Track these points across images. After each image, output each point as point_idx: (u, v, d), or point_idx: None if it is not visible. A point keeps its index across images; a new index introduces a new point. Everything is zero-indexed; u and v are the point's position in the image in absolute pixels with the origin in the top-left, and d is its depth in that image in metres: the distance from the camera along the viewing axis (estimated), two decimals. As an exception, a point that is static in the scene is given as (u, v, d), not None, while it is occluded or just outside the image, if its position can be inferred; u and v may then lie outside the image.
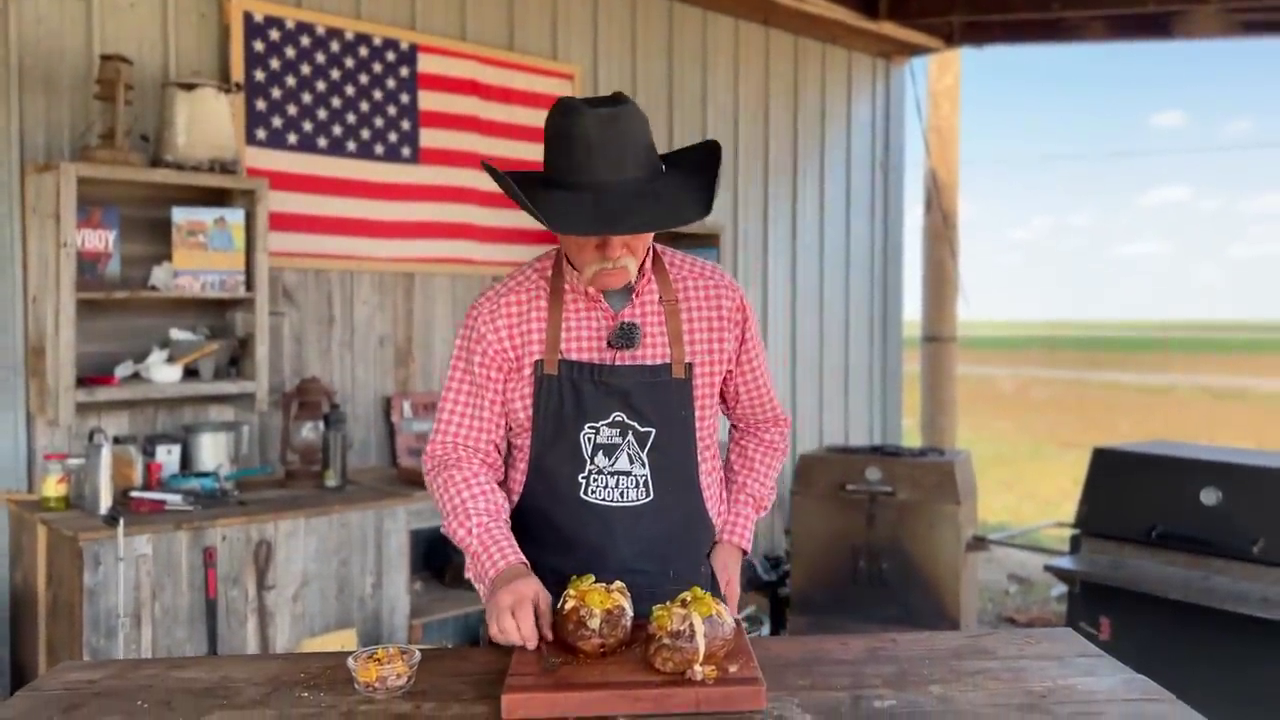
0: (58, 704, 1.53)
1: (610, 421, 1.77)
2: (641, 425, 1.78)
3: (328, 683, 1.60)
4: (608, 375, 1.77)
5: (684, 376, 1.80)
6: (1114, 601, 3.27)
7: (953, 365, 7.19)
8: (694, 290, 1.84)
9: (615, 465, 1.78)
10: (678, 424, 1.80)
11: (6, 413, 3.44)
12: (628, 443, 1.78)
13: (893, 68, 6.58)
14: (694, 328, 1.83)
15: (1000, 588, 6.30)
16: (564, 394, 1.78)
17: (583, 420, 1.77)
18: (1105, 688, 1.53)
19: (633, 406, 1.78)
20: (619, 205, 1.63)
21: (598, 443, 1.77)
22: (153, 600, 3.08)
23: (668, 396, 1.79)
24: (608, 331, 1.79)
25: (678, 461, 1.82)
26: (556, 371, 1.78)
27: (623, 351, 1.78)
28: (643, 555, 1.80)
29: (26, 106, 3.44)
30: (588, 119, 1.62)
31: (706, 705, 1.45)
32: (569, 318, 1.80)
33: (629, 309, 1.80)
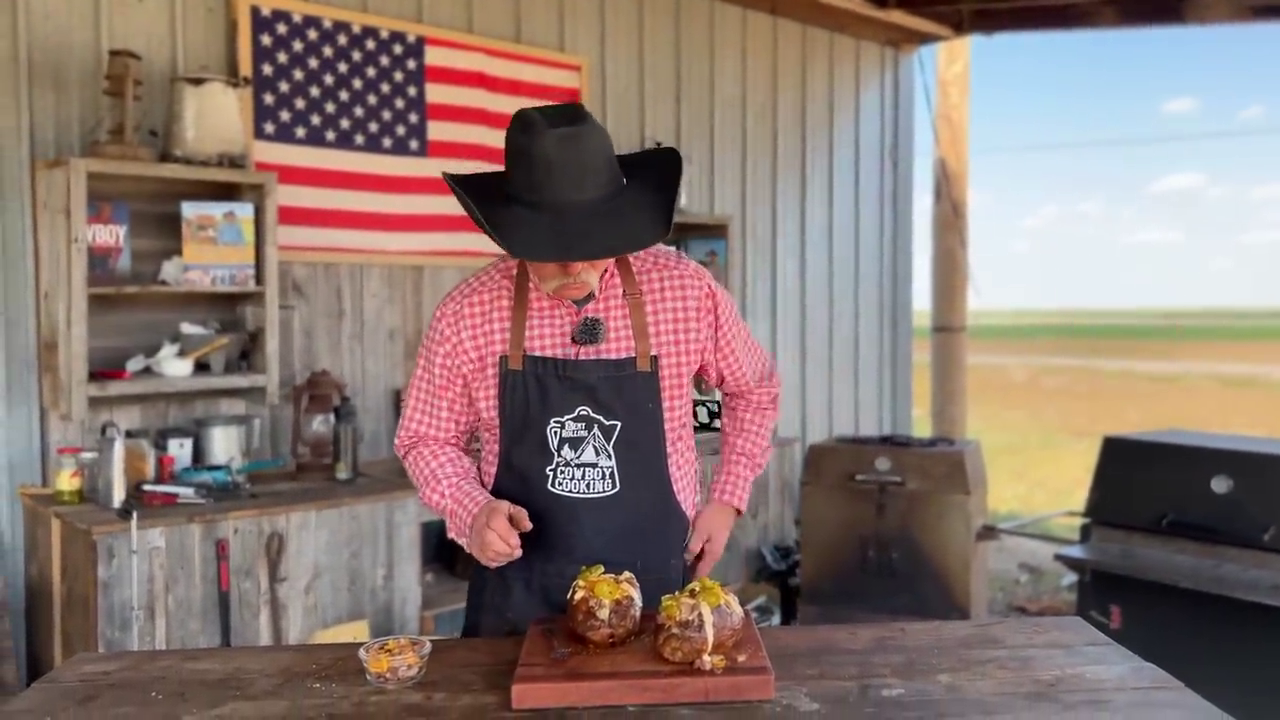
0: (73, 695, 1.55)
1: (575, 415, 1.81)
2: (607, 419, 1.81)
3: (339, 674, 1.62)
4: (572, 370, 1.80)
5: (649, 369, 1.83)
6: (1125, 590, 3.27)
7: (963, 355, 7.17)
8: (658, 283, 1.86)
9: (581, 458, 1.81)
10: (644, 416, 1.83)
11: (20, 407, 3.46)
12: (593, 435, 1.81)
13: (901, 56, 6.55)
14: (659, 320, 1.85)
15: (1011, 577, 6.29)
16: (529, 389, 1.81)
17: (548, 415, 1.81)
18: (1114, 676, 1.53)
19: (598, 400, 1.80)
20: (578, 229, 1.64)
21: (564, 436, 1.81)
22: (166, 593, 3.10)
23: (633, 389, 1.82)
24: (572, 327, 1.82)
25: (645, 453, 1.85)
26: (521, 367, 1.81)
27: (587, 346, 1.81)
28: (611, 546, 1.83)
29: (36, 102, 3.46)
30: (547, 139, 1.63)
31: (715, 694, 1.45)
32: (533, 315, 1.83)
33: (592, 305, 1.83)
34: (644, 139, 5.10)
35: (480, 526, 1.71)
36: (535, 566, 1.84)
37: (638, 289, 1.85)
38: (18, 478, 3.45)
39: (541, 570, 1.84)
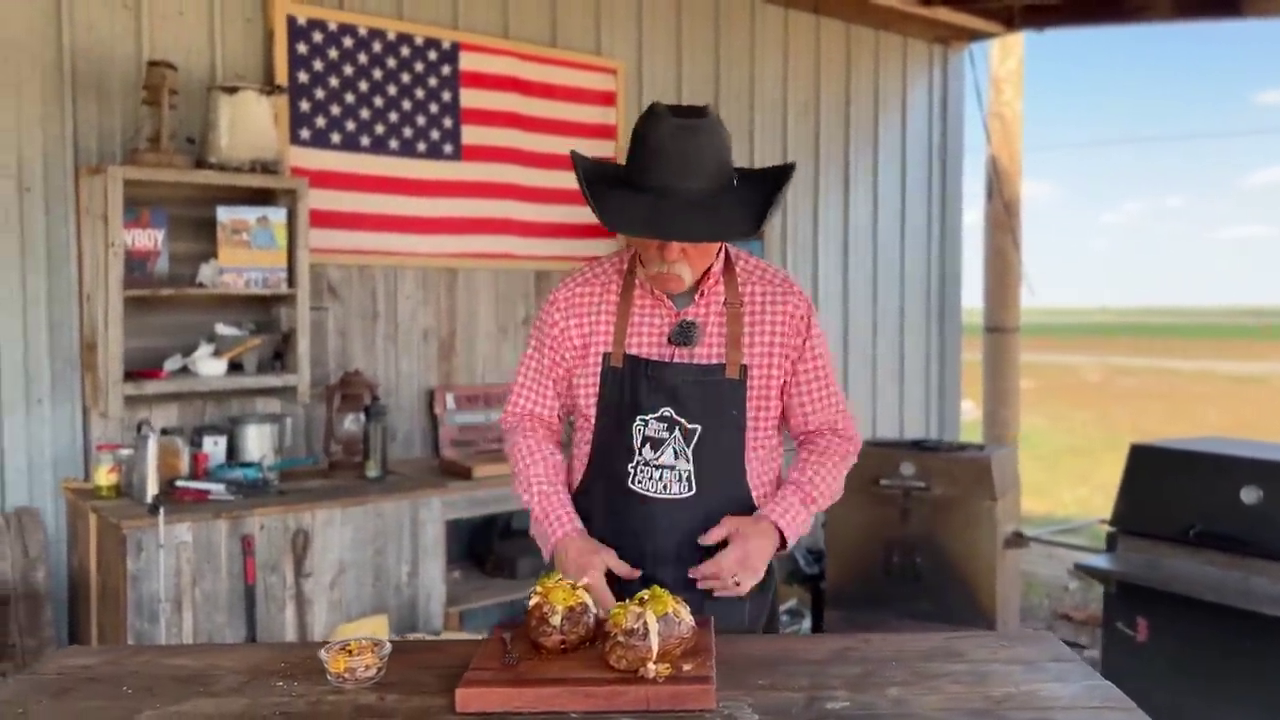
0: (49, 688, 1.62)
1: (659, 416, 1.86)
2: (689, 422, 1.85)
3: (304, 673, 1.66)
4: (659, 371, 1.86)
5: (738, 378, 1.86)
6: (1152, 602, 3.19)
7: (1016, 356, 7.03)
8: (760, 296, 1.92)
9: (660, 459, 1.86)
10: (727, 423, 1.86)
11: (64, 405, 3.60)
12: (674, 438, 1.85)
13: (951, 53, 6.45)
14: (755, 332, 1.89)
15: (1060, 584, 6.17)
16: (623, 386, 1.88)
17: (635, 412, 1.87)
18: (1067, 694, 1.51)
19: (680, 403, 1.85)
20: (674, 213, 1.72)
21: (646, 435, 1.87)
22: (193, 586, 3.21)
23: (718, 396, 1.86)
24: (669, 328, 1.88)
25: (724, 459, 1.87)
26: (621, 364, 1.89)
27: (681, 349, 1.87)
28: (684, 546, 1.88)
29: (80, 111, 3.59)
30: (665, 125, 1.74)
31: (656, 703, 1.47)
32: (635, 313, 1.91)
33: (691, 308, 1.89)
34: (681, 140, 5.09)
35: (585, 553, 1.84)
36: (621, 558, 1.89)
37: (739, 298, 1.90)
38: (61, 472, 3.60)
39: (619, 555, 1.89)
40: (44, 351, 3.56)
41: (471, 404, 4.42)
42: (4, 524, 3.44)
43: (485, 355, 4.54)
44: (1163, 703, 3.13)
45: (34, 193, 3.53)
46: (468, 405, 4.41)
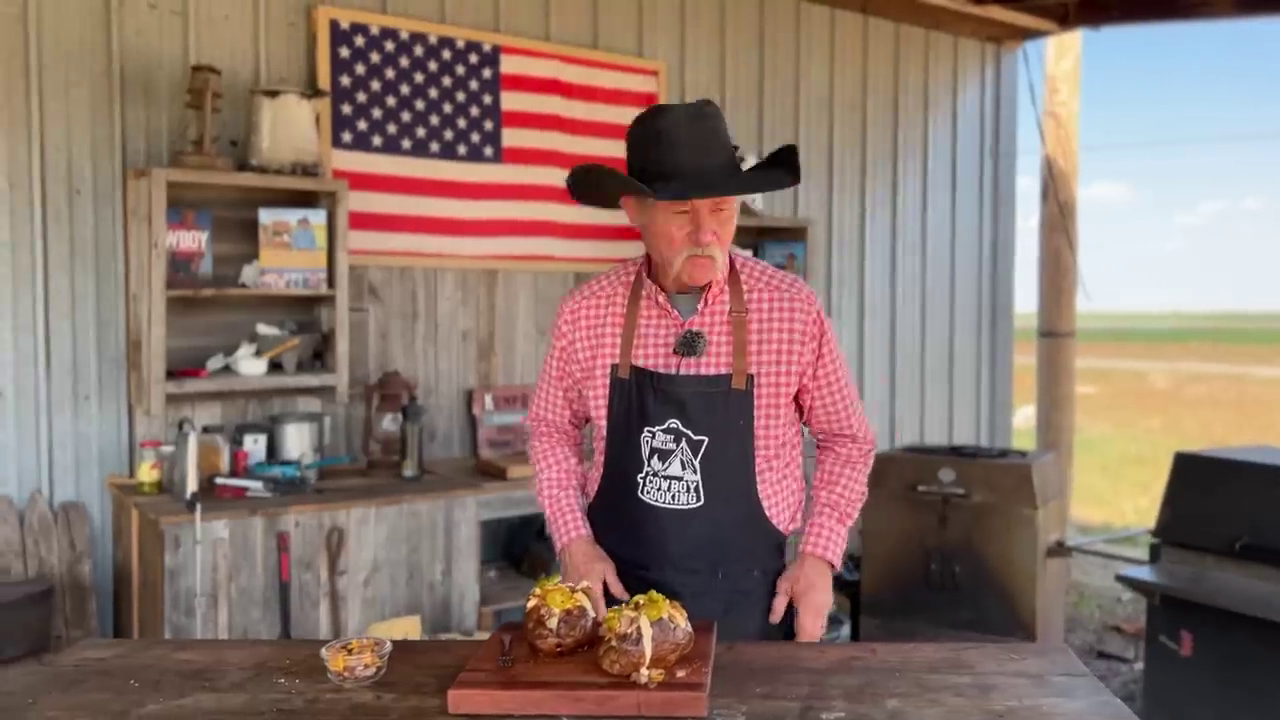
0: (59, 680, 1.65)
1: (666, 428, 1.86)
2: (695, 434, 1.85)
3: (306, 670, 1.68)
4: (667, 384, 1.87)
5: (744, 388, 1.85)
6: (1196, 616, 3.10)
7: (1071, 361, 6.88)
8: (767, 302, 1.89)
9: (668, 470, 1.87)
10: (734, 434, 1.85)
11: (110, 402, 3.69)
12: (681, 449, 1.86)
13: (1004, 53, 6.33)
14: (763, 339, 1.88)
15: (1113, 595, 6.02)
16: (630, 398, 1.90)
17: (643, 424, 1.88)
18: (1071, 710, 1.46)
19: (687, 415, 1.85)
20: (712, 179, 1.76)
21: (654, 446, 1.88)
22: (229, 582, 3.26)
23: (725, 406, 1.85)
24: (675, 338, 1.88)
25: (732, 470, 1.87)
26: (628, 376, 1.90)
27: (686, 359, 1.87)
28: (692, 555, 1.89)
29: (128, 115, 3.68)
30: (677, 113, 1.77)
31: (646, 709, 1.45)
32: (641, 324, 1.91)
33: (696, 318, 1.88)
34: (724, 142, 5.07)
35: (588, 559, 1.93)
36: (625, 564, 1.95)
37: (744, 306, 1.88)
38: (107, 468, 3.68)
39: (630, 571, 1.93)
40: (91, 350, 3.65)
41: (510, 404, 4.44)
42: (51, 518, 3.53)
43: (524, 356, 4.55)
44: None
45: (83, 195, 3.62)
46: (506, 406, 4.44)
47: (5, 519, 3.46)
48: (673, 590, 1.77)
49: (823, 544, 1.96)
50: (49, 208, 3.57)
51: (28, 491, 3.54)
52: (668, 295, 1.88)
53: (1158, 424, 15.47)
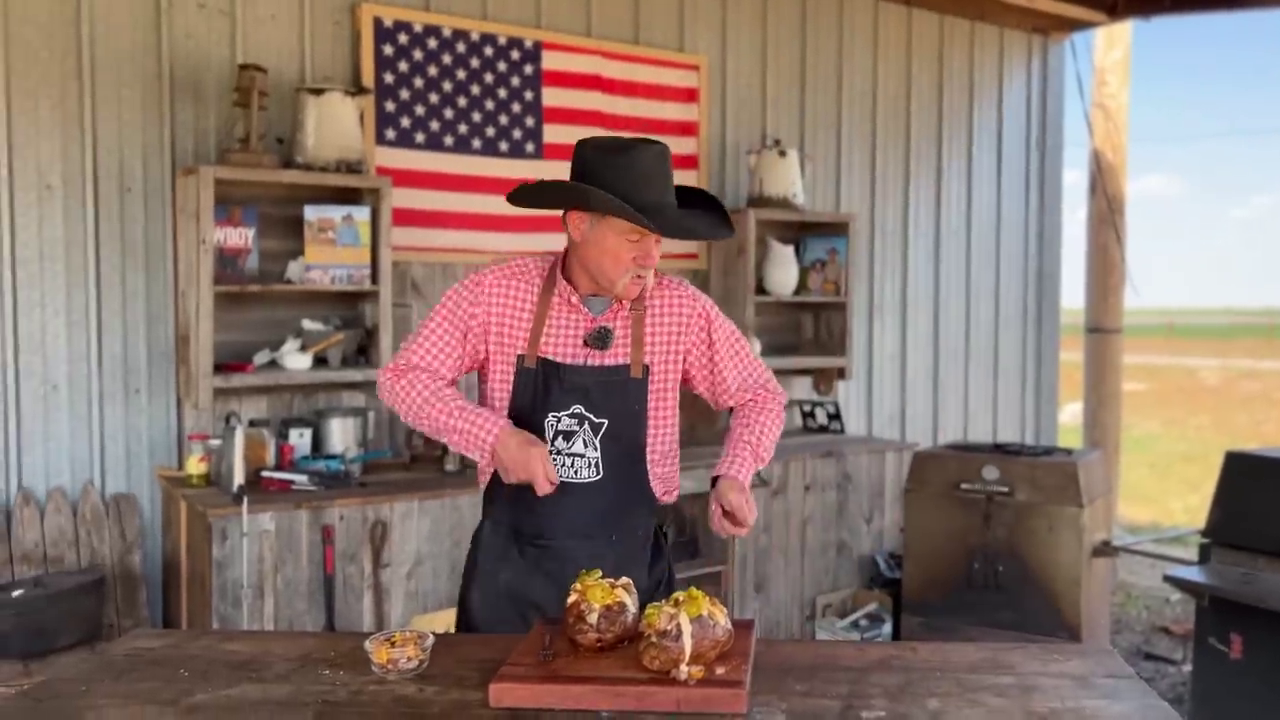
0: (112, 669, 1.69)
1: (570, 413, 2.05)
2: (596, 417, 2.06)
3: (350, 662, 1.70)
4: (573, 374, 2.06)
5: (640, 376, 2.09)
6: (1247, 618, 3.04)
7: (1118, 358, 6.78)
8: (660, 302, 2.13)
9: (572, 448, 2.06)
10: (630, 416, 2.08)
11: (160, 396, 3.76)
12: (584, 430, 2.06)
13: (1050, 44, 6.24)
14: (655, 334, 2.11)
15: (1162, 595, 5.93)
16: (536, 386, 2.06)
17: (548, 410, 2.05)
18: (1115, 713, 1.44)
19: (590, 401, 2.06)
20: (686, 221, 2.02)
21: (559, 429, 2.05)
22: (275, 573, 3.31)
23: (624, 393, 2.07)
24: (585, 333, 2.07)
25: (627, 447, 2.08)
26: (534, 365, 2.06)
27: (595, 351, 2.06)
28: (591, 524, 2.08)
29: (177, 115, 3.74)
30: (647, 152, 1.97)
31: (686, 706, 1.46)
32: (551, 318, 2.08)
33: (607, 315, 2.08)
34: (765, 136, 5.06)
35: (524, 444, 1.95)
36: (526, 537, 2.10)
37: (642, 304, 2.11)
38: (156, 460, 3.75)
39: (531, 541, 2.09)
40: (142, 345, 3.72)
41: (551, 400, 4.46)
42: (103, 509, 3.61)
43: (566, 352, 4.56)
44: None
45: (134, 193, 3.69)
46: (547, 401, 4.45)
47: (59, 509, 3.54)
48: (571, 556, 2.03)
49: (736, 468, 2.08)
50: (101, 206, 3.64)
51: (80, 483, 3.62)
52: (581, 296, 2.07)
53: (1208, 421, 15.21)
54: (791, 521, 4.49)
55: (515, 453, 1.95)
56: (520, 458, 1.95)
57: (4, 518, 3.46)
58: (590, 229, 2.00)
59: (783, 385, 5.14)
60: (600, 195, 1.92)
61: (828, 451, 4.61)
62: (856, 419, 5.45)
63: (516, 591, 2.09)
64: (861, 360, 5.46)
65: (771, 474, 4.39)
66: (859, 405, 5.49)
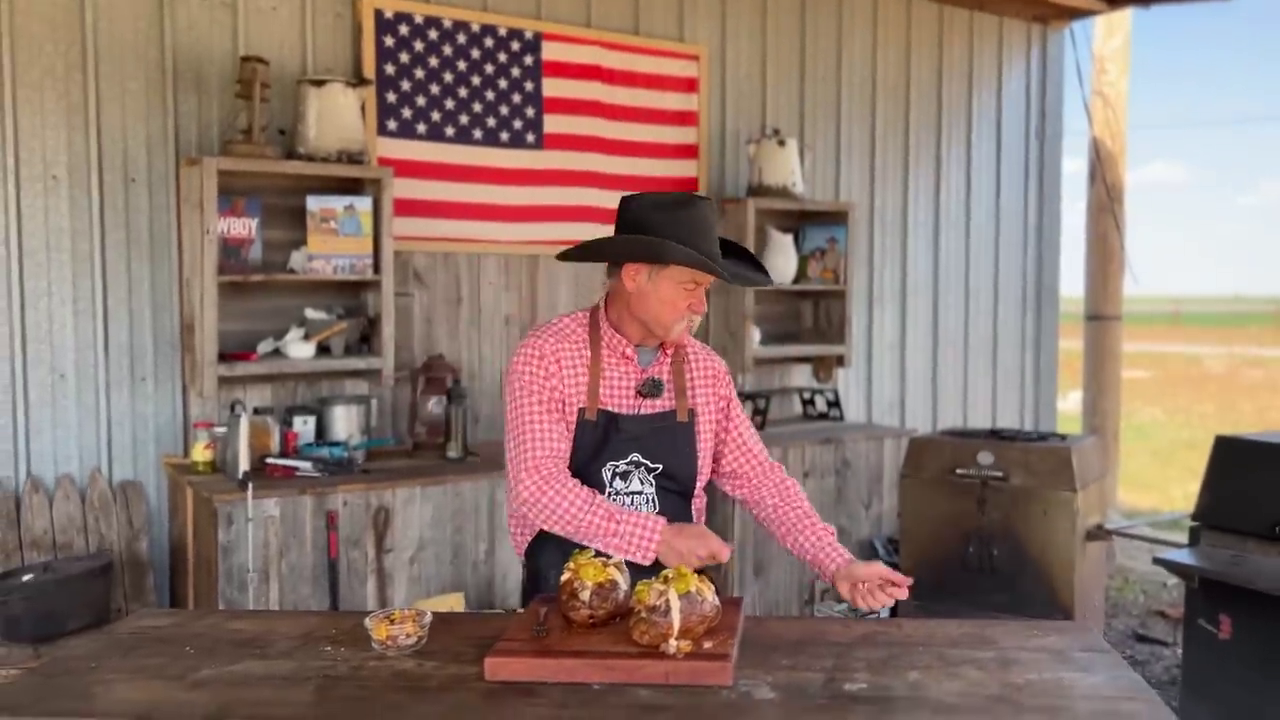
0: (120, 646, 1.74)
1: (628, 460, 2.18)
2: (652, 461, 2.19)
3: (351, 640, 1.76)
4: (628, 423, 2.18)
5: (688, 421, 2.23)
6: (1235, 599, 3.08)
7: (1117, 345, 6.82)
8: (694, 356, 2.30)
9: (630, 487, 2.19)
10: (681, 458, 2.22)
11: (165, 384, 3.81)
12: (639, 471, 2.19)
13: (1050, 32, 6.26)
14: (695, 384, 2.27)
15: (1158, 579, 5.97)
16: (596, 436, 2.17)
17: (606, 458, 2.17)
18: (1089, 684, 1.49)
19: (644, 448, 2.18)
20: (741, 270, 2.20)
21: (616, 472, 2.19)
22: (280, 558, 3.37)
23: (673, 437, 2.21)
24: (636, 383, 2.21)
25: (678, 485, 2.22)
26: (595, 418, 2.17)
27: (648, 400, 2.20)
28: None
29: (181, 106, 3.78)
30: (704, 207, 2.13)
31: (674, 678, 1.51)
32: (605, 371, 2.20)
33: (655, 366, 2.23)
34: (764, 125, 5.09)
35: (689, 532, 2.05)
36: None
37: (683, 357, 2.27)
38: (162, 448, 3.81)
39: None
40: (147, 333, 3.78)
41: (552, 388, 4.50)
42: (111, 496, 3.67)
43: (566, 340, 4.61)
44: (1244, 703, 3.04)
45: (138, 184, 3.73)
46: (548, 389, 4.50)
47: (68, 496, 3.60)
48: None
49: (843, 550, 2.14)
50: (106, 197, 3.69)
51: (88, 470, 3.67)
52: (634, 346, 2.19)
53: (1212, 409, 15.21)
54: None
55: (689, 542, 2.01)
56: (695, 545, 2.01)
57: (14, 504, 3.52)
58: (648, 280, 2.11)
59: (783, 373, 5.25)
60: (676, 248, 2.04)
61: (827, 438, 4.65)
62: (856, 406, 5.50)
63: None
64: (861, 348, 5.50)
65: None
66: (858, 393, 5.54)
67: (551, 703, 1.47)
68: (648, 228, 2.09)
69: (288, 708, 1.48)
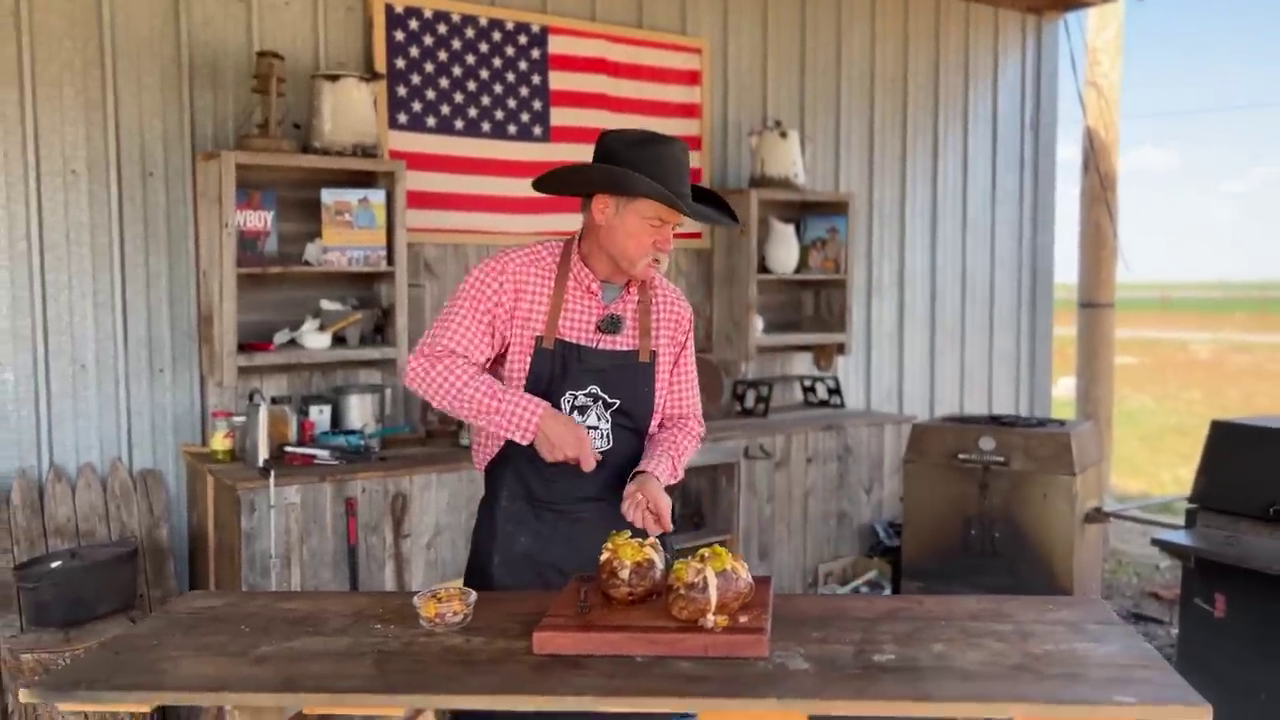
0: (180, 625, 1.83)
1: (586, 392, 2.22)
2: (610, 396, 2.24)
3: (400, 618, 1.84)
4: (589, 356, 2.22)
5: (648, 361, 2.28)
6: (1230, 578, 3.19)
7: (1110, 332, 6.93)
8: (661, 299, 2.33)
9: (586, 421, 2.22)
10: (639, 397, 2.27)
11: (183, 374, 3.88)
12: (597, 405, 2.23)
13: (1045, 23, 6.35)
14: (660, 325, 2.31)
15: (1152, 562, 6.10)
16: (554, 366, 2.20)
17: (565, 388, 2.20)
18: (1103, 653, 1.59)
19: (604, 381, 2.23)
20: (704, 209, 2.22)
21: (575, 404, 2.22)
22: (301, 544, 3.45)
23: (634, 375, 2.26)
24: (598, 319, 2.23)
25: (634, 423, 2.27)
26: (552, 347, 2.20)
27: (607, 336, 2.23)
28: (600, 489, 2.24)
29: (196, 101, 3.84)
30: (674, 146, 2.17)
31: (713, 650, 1.60)
32: (568, 302, 2.22)
33: (618, 303, 2.25)
34: (766, 117, 5.17)
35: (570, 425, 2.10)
36: (542, 504, 2.25)
37: (649, 299, 2.30)
38: (181, 437, 3.88)
39: (548, 507, 2.25)
40: (165, 325, 3.84)
41: (560, 376, 4.59)
42: (131, 485, 3.74)
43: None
44: (1238, 678, 3.15)
45: (156, 177, 3.79)
46: (557, 378, 4.58)
47: (89, 485, 3.67)
48: (583, 518, 2.21)
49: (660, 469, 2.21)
50: (124, 191, 3.75)
51: (109, 459, 3.74)
52: (600, 282, 2.21)
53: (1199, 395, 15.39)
54: (794, 492, 4.64)
55: (563, 432, 2.08)
56: (569, 437, 2.08)
57: (37, 493, 3.59)
58: (615, 213, 2.14)
59: (784, 361, 5.34)
60: (640, 179, 2.07)
61: (828, 425, 4.75)
62: (855, 393, 5.60)
63: (534, 554, 2.24)
64: (860, 336, 5.60)
65: (774, 446, 4.54)
66: (858, 380, 5.64)
67: (599, 674, 1.56)
68: (618, 161, 2.13)
69: (351, 679, 1.56)
